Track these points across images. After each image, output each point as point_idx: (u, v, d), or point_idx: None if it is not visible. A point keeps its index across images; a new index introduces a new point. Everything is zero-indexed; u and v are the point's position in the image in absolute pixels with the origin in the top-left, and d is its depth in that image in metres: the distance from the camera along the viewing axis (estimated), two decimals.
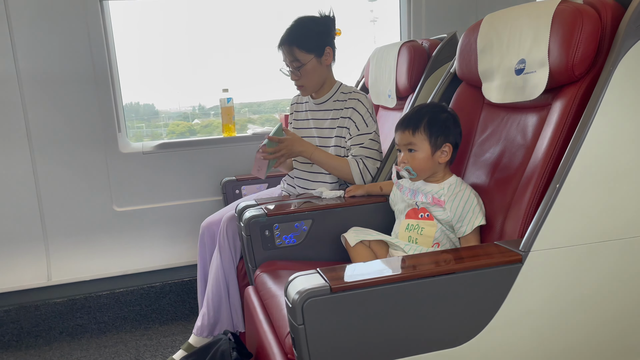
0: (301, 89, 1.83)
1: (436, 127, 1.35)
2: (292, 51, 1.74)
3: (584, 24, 1.14)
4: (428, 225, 1.36)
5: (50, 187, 2.22)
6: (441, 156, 1.36)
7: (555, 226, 1.07)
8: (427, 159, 1.36)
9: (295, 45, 1.74)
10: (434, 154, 1.36)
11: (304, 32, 1.76)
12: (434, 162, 1.37)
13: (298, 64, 1.76)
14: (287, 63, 1.78)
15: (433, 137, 1.35)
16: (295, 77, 1.79)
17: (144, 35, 2.47)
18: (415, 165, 1.36)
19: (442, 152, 1.36)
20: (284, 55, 1.78)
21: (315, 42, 1.76)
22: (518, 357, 1.11)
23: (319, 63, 1.78)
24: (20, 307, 2.25)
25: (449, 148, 1.36)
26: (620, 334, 1.17)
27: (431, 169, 1.38)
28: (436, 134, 1.35)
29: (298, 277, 1.02)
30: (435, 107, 1.41)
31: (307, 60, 1.75)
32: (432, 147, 1.35)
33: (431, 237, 1.36)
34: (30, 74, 2.13)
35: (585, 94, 1.16)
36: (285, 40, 1.76)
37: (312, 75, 1.79)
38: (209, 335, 1.77)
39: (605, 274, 1.12)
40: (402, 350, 1.02)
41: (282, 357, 1.14)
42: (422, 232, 1.37)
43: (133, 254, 2.35)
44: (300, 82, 1.81)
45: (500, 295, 1.06)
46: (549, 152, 1.17)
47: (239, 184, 2.30)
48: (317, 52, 1.76)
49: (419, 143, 1.36)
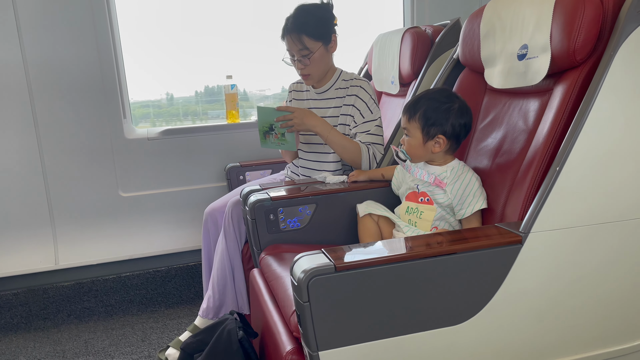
0: (307, 77, 1.80)
1: (432, 118, 1.35)
2: (301, 39, 1.71)
3: (585, 10, 1.15)
4: (427, 209, 1.39)
5: (57, 173, 2.25)
6: (434, 146, 1.37)
7: (555, 208, 1.09)
8: (419, 147, 1.38)
9: (304, 33, 1.71)
10: (426, 143, 1.37)
11: (312, 20, 1.72)
12: (426, 151, 1.38)
13: (307, 52, 1.73)
14: (294, 52, 1.75)
15: (426, 127, 1.36)
16: (302, 65, 1.77)
17: (148, 22, 2.48)
18: (408, 150, 1.41)
19: (435, 143, 1.36)
20: (289, 44, 1.75)
21: (324, 29, 1.74)
22: (517, 336, 1.14)
23: (326, 51, 1.77)
24: (28, 291, 2.29)
25: (442, 139, 1.35)
26: (617, 315, 1.20)
27: (424, 156, 1.40)
28: (430, 124, 1.35)
29: (303, 256, 1.05)
30: (438, 96, 1.38)
31: (316, 48, 1.73)
32: (425, 136, 1.36)
33: (429, 221, 1.38)
34: (37, 61, 2.14)
35: (586, 79, 1.17)
36: (292, 29, 1.72)
37: (320, 64, 1.77)
38: (214, 317, 1.81)
39: (604, 256, 1.15)
40: (404, 328, 1.05)
41: (287, 335, 1.17)
42: (421, 216, 1.39)
43: (139, 239, 2.39)
44: (306, 71, 1.78)
45: (500, 275, 1.09)
46: (550, 136, 1.19)
47: (243, 170, 2.33)
48: (325, 40, 1.75)
49: (413, 130, 1.38)
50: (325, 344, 1.01)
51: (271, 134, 1.74)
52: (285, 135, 1.72)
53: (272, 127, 1.73)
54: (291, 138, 1.72)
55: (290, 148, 1.75)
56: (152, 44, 2.51)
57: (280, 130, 1.72)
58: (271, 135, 1.74)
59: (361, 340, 1.03)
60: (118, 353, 1.99)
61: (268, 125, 1.73)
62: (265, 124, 1.73)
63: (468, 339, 1.10)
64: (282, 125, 1.69)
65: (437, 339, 1.08)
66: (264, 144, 1.77)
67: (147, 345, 2.04)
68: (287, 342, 1.15)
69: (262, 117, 1.73)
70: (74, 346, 2.07)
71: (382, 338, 1.04)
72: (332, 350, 1.02)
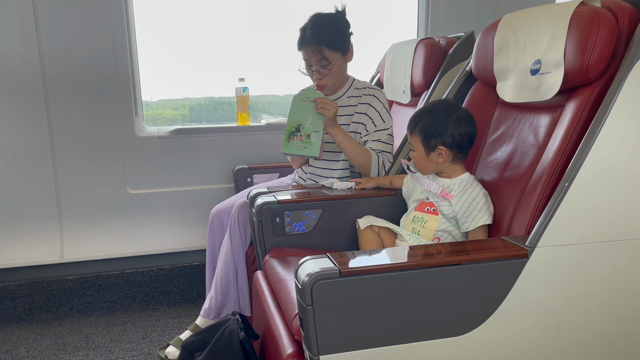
0: (323, 88, 1.78)
1: (431, 130, 1.37)
2: (321, 51, 1.69)
3: (600, 27, 1.16)
4: (432, 219, 1.40)
5: (67, 167, 2.27)
6: (438, 157, 1.38)
7: (562, 224, 1.09)
8: (422, 159, 1.41)
9: (324, 44, 1.68)
10: (429, 155, 1.39)
11: (330, 31, 1.70)
12: (431, 162, 1.40)
13: (326, 62, 1.71)
14: (313, 62, 1.72)
15: (426, 139, 1.38)
16: (320, 76, 1.74)
17: (165, 22, 2.50)
18: (415, 163, 1.44)
19: (438, 154, 1.38)
20: (308, 55, 1.72)
21: (342, 39, 1.73)
22: (519, 351, 1.14)
23: (343, 61, 1.77)
24: (32, 283, 2.30)
25: (444, 150, 1.37)
26: (621, 334, 1.19)
27: (430, 168, 1.42)
28: (429, 136, 1.37)
29: (308, 260, 1.05)
30: (438, 108, 1.39)
31: (335, 59, 1.72)
32: (426, 148, 1.39)
33: (432, 231, 1.39)
34: (53, 56, 2.17)
35: (598, 97, 1.18)
36: (311, 40, 1.69)
37: (338, 74, 1.76)
38: (215, 317, 1.81)
39: (610, 274, 1.15)
40: (406, 336, 1.05)
41: (288, 338, 1.17)
42: (425, 225, 1.40)
43: (144, 236, 2.40)
44: (324, 82, 1.76)
45: (504, 288, 1.09)
46: (560, 152, 1.19)
47: (251, 172, 2.34)
48: (344, 50, 1.74)
49: (415, 144, 1.41)
50: (327, 348, 1.01)
51: (296, 136, 1.69)
52: (311, 137, 1.67)
53: (299, 128, 1.69)
54: (317, 140, 1.66)
55: (312, 153, 1.67)
56: (169, 43, 2.53)
57: (307, 130, 1.67)
58: (296, 137, 1.69)
59: (363, 346, 1.03)
60: (118, 349, 1.99)
61: (296, 125, 1.68)
62: (294, 122, 1.68)
63: (470, 351, 1.10)
64: (318, 105, 1.62)
65: (439, 350, 1.08)
66: (286, 148, 1.70)
67: (148, 342, 2.04)
68: (288, 345, 1.15)
69: (294, 108, 1.67)
70: (75, 340, 2.08)
71: (383, 345, 1.04)
72: (333, 355, 1.02)
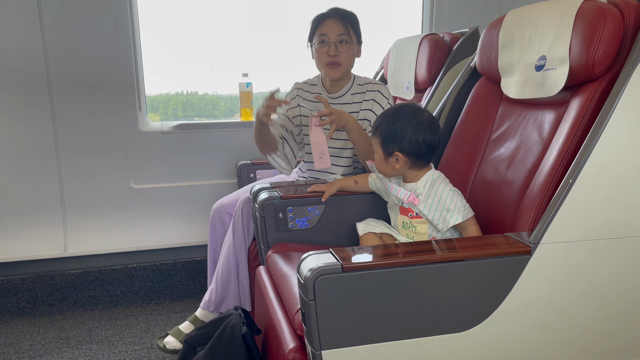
0: (336, 67, 1.72)
1: (389, 134, 1.33)
2: (346, 25, 1.70)
3: (606, 23, 1.15)
4: (419, 223, 1.38)
5: (70, 161, 2.28)
6: (395, 163, 1.35)
7: (565, 221, 1.09)
8: (381, 162, 1.38)
9: (349, 22, 1.71)
10: (387, 159, 1.36)
11: (354, 17, 1.74)
12: (389, 167, 1.37)
13: (348, 38, 1.70)
14: (334, 36, 1.69)
15: (384, 144, 1.35)
16: (337, 52, 1.71)
17: (168, 18, 2.50)
18: (376, 166, 1.41)
19: (395, 160, 1.35)
20: (330, 27, 1.69)
21: (359, 31, 1.76)
22: (521, 346, 1.14)
23: (356, 50, 1.78)
24: (36, 276, 2.31)
25: (400, 157, 1.33)
26: (624, 331, 1.19)
27: (389, 172, 1.39)
28: (387, 141, 1.34)
29: (311, 255, 1.05)
30: (401, 112, 1.35)
31: (354, 40, 1.74)
32: (384, 152, 1.36)
33: (425, 234, 1.38)
34: (57, 51, 2.17)
35: (603, 93, 1.17)
36: (337, 15, 1.70)
37: (351, 59, 1.76)
38: (214, 310, 1.82)
39: (613, 271, 1.14)
40: (408, 332, 1.05)
41: (290, 333, 1.17)
42: (416, 230, 1.39)
43: (147, 231, 2.41)
44: (339, 59, 1.71)
45: (507, 285, 1.09)
46: (564, 149, 1.19)
47: (254, 168, 2.34)
48: (359, 39, 1.77)
49: (375, 146, 1.39)
50: (329, 343, 1.01)
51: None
52: None
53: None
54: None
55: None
56: (171, 39, 2.53)
57: None
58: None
59: (365, 341, 1.03)
60: (121, 343, 2.00)
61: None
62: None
63: (472, 347, 1.10)
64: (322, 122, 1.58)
65: (441, 346, 1.08)
66: None
67: (150, 336, 2.05)
68: (290, 340, 1.15)
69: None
70: (78, 334, 2.09)
71: (385, 341, 1.04)
72: (335, 350, 1.02)
